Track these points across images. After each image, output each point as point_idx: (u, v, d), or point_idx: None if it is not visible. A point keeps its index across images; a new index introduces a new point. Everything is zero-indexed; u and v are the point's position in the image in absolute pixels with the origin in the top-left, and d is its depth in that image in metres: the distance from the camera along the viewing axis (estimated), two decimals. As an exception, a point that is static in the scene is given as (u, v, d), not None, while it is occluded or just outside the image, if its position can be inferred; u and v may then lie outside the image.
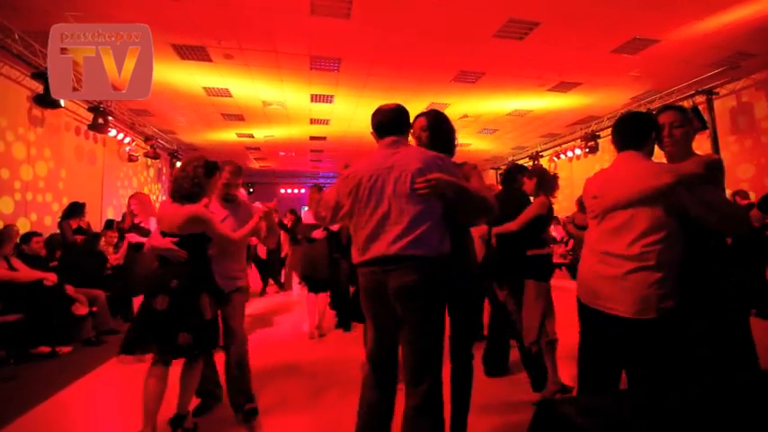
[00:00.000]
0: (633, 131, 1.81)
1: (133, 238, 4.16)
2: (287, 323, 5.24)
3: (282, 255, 8.03)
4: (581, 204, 4.56)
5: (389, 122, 1.88)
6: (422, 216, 1.68)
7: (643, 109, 7.56)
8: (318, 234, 4.39)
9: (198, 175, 2.27)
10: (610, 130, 7.67)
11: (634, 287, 1.63)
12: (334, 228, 4.22)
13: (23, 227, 5.29)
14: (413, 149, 1.85)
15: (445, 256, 1.72)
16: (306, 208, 5.09)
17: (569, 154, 9.86)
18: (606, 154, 9.56)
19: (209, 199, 2.44)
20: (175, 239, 2.21)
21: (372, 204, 1.73)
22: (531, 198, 2.98)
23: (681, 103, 7.07)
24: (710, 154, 2.25)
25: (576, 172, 10.21)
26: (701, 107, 6.73)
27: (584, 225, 4.23)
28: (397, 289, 1.65)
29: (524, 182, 3.07)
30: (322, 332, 4.55)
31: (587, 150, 8.98)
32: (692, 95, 6.85)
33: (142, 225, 4.12)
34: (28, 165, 5.99)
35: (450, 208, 1.75)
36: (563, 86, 7.09)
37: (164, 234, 2.26)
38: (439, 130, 2.06)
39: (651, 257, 1.63)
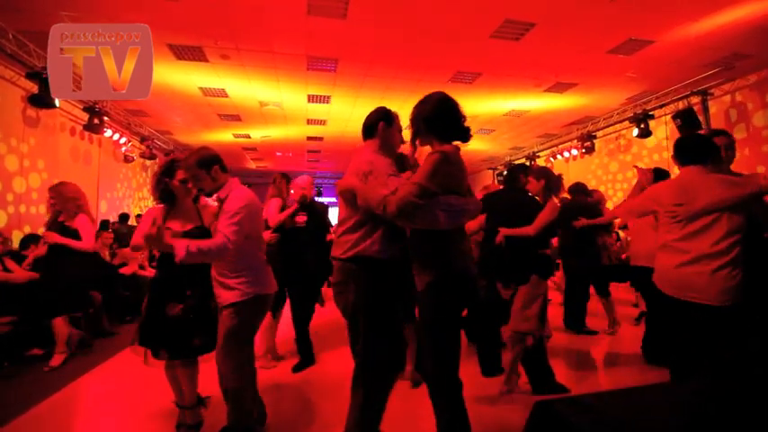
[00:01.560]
0: (701, 150, 2.16)
1: (52, 238, 3.44)
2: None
3: None
4: None
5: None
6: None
7: (638, 110, 7.61)
8: None
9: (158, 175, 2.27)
10: (606, 130, 7.74)
11: (720, 280, 1.95)
12: None
13: (16, 239, 5.18)
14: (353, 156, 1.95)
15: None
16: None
17: (566, 154, 9.90)
18: (602, 154, 9.61)
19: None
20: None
21: None
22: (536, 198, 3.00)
23: (676, 104, 7.13)
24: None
25: (573, 172, 10.25)
26: (695, 108, 6.77)
27: None
28: None
29: (528, 182, 3.06)
30: None
31: (584, 151, 9.01)
32: (687, 96, 6.89)
33: (67, 224, 3.55)
34: (21, 177, 5.90)
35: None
36: (559, 87, 7.12)
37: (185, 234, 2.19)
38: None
39: (733, 254, 1.97)
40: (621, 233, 8.96)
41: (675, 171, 2.33)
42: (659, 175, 3.56)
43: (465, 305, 1.84)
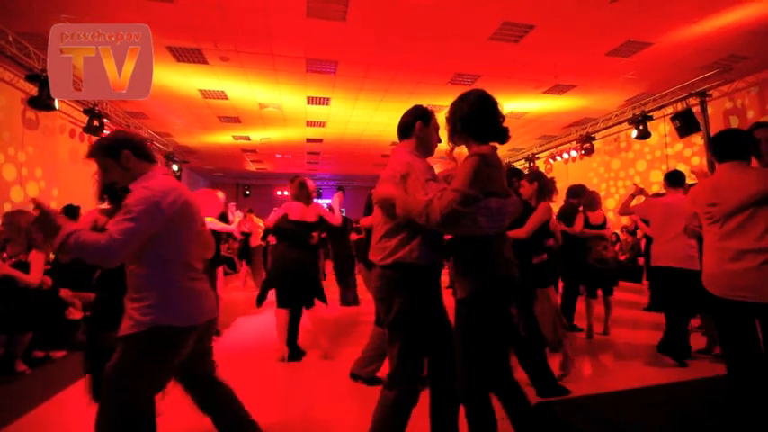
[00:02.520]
0: (737, 145, 2.12)
1: (1, 269, 3.25)
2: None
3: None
4: None
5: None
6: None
7: (637, 111, 7.63)
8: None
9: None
10: (605, 131, 7.75)
11: (767, 275, 1.92)
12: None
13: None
14: (391, 157, 1.86)
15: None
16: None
17: (565, 156, 9.92)
18: (601, 156, 9.63)
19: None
20: None
21: None
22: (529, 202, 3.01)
23: (674, 106, 7.14)
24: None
25: (572, 174, 10.27)
26: (694, 109, 6.79)
27: None
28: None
29: (520, 185, 3.08)
30: None
31: (583, 152, 9.03)
32: (686, 98, 6.91)
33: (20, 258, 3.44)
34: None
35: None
36: (558, 89, 7.14)
37: None
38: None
39: None
40: (621, 234, 8.97)
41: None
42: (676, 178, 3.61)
43: (506, 315, 1.78)
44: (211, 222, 3.85)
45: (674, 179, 3.64)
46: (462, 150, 1.81)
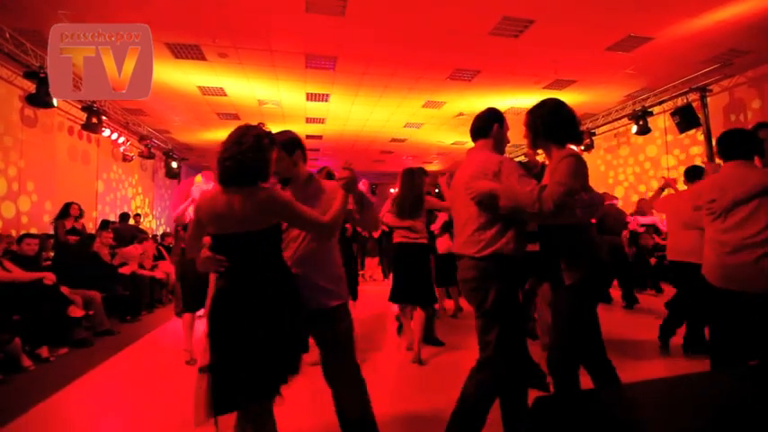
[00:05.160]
0: (741, 144, 2.23)
1: None
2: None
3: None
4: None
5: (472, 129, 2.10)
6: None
7: (637, 106, 7.61)
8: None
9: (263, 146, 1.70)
10: (605, 127, 7.73)
11: (765, 269, 2.02)
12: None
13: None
14: (473, 155, 2.02)
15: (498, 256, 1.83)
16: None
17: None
18: (601, 151, 9.61)
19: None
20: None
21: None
22: None
23: (675, 101, 7.13)
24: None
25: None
26: (694, 104, 6.78)
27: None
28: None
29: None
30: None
31: (583, 148, 9.01)
32: (686, 93, 6.90)
33: None
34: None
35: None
36: (558, 84, 7.12)
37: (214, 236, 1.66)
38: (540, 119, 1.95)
39: None
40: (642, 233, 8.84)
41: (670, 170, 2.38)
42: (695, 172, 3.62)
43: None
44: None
45: (693, 174, 3.59)
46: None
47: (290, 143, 1.98)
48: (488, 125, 2.02)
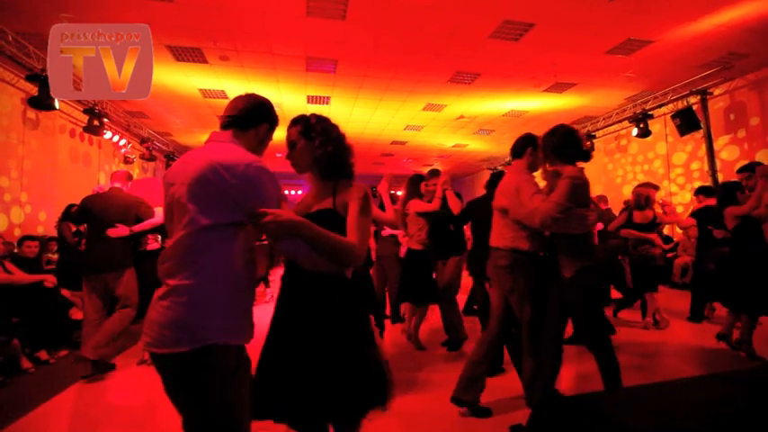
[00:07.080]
0: None
1: None
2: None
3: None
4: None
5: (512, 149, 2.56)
6: None
7: (638, 109, 7.61)
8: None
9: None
10: (605, 130, 7.68)
11: None
12: None
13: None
14: (507, 174, 2.58)
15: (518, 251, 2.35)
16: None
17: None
18: (601, 155, 9.61)
19: None
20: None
21: None
22: None
23: (675, 104, 7.13)
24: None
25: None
26: (694, 107, 6.78)
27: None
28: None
29: None
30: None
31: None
32: (686, 96, 6.90)
33: None
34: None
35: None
36: (558, 87, 7.13)
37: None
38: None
39: None
40: (679, 235, 8.71)
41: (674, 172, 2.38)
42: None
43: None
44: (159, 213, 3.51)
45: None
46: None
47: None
48: (523, 148, 2.46)
